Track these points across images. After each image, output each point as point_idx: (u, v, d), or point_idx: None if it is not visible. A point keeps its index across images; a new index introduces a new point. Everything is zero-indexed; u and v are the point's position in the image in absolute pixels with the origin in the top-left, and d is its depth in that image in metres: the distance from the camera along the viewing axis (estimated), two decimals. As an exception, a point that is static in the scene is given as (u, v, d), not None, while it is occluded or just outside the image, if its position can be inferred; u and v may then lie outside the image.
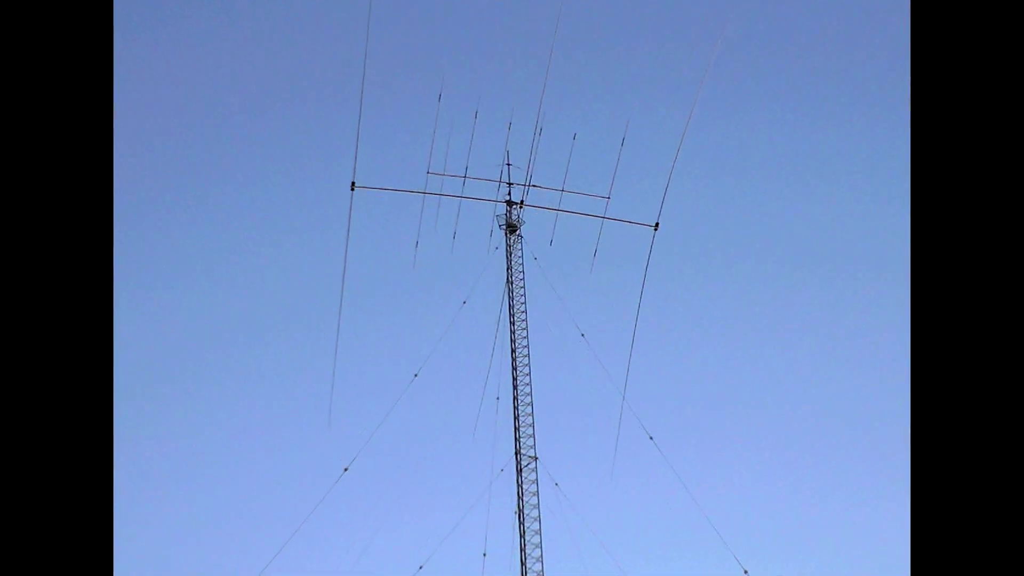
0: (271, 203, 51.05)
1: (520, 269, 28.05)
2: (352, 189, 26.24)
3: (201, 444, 42.54)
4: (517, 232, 28.72)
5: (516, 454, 25.27)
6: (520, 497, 24.79)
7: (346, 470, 26.04)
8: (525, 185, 28.47)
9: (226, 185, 50.79)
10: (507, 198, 28.92)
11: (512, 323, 27.03)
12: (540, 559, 24.11)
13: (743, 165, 51.83)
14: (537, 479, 24.99)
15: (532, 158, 27.99)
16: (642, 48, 52.95)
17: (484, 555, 24.43)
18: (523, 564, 24.09)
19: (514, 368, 26.34)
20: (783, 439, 43.85)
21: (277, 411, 43.70)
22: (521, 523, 24.49)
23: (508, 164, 28.82)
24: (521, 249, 28.41)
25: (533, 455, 25.22)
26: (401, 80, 50.43)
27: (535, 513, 24.59)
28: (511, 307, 27.36)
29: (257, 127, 52.61)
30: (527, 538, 24.35)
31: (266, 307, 48.22)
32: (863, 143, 51.46)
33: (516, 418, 25.71)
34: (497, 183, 28.81)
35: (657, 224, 27.23)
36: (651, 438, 26.56)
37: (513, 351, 26.61)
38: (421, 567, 24.88)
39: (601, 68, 51.78)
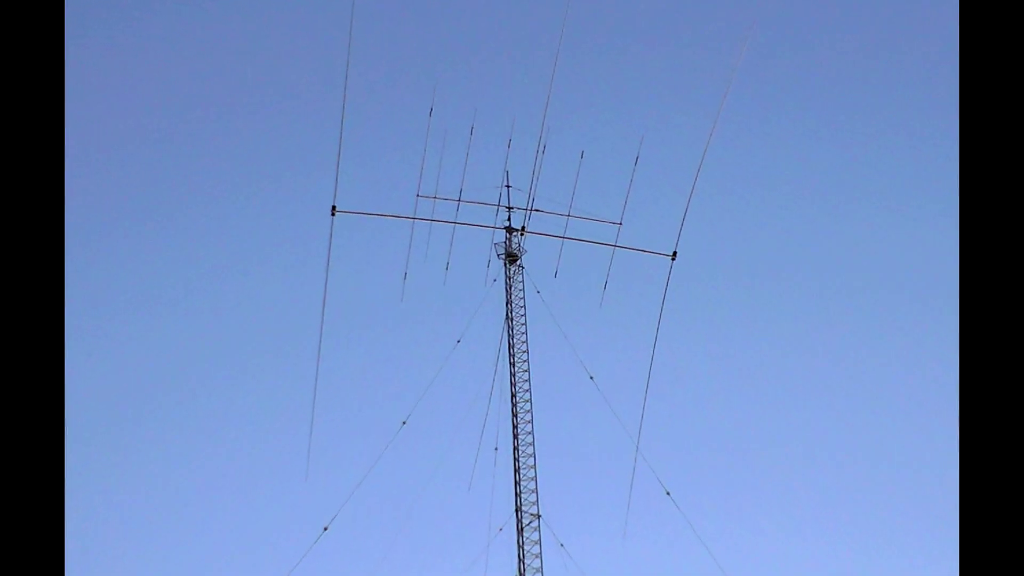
0: (241, 229, 51.09)
1: (521, 303, 27.97)
2: (332, 214, 26.17)
3: (160, 498, 42.31)
4: (518, 262, 28.64)
5: (517, 511, 25.11)
6: (521, 560, 24.57)
7: (326, 529, 25.89)
8: (527, 209, 28.51)
9: (188, 209, 50.81)
10: (506, 224, 28.92)
11: (512, 364, 26.92)
12: (544, 629, 23.95)
13: (771, 186, 51.87)
14: (540, 539, 24.82)
15: (534, 179, 27.98)
16: (657, 55, 53.17)
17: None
18: (525, 636, 23.98)
19: (514, 415, 26.19)
20: (816, 494, 43.62)
21: (248, 463, 43.47)
22: (522, 589, 24.36)
23: (508, 186, 28.91)
24: (522, 281, 28.35)
25: (536, 512, 25.06)
26: (388, 91, 50.61)
27: (538, 578, 24.45)
28: (511, 346, 27.25)
29: (224, 142, 52.76)
30: (529, 606, 24.17)
31: (235, 345, 48.11)
32: (906, 160, 51.49)
33: (516, 471, 25.55)
34: (495, 207, 28.89)
35: (675, 253, 27.20)
36: (668, 493, 26.44)
37: (513, 396, 26.49)
38: (410, 640, 24.81)
39: (611, 78, 52.00)
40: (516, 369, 26.91)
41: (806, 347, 48.48)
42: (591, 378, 27.44)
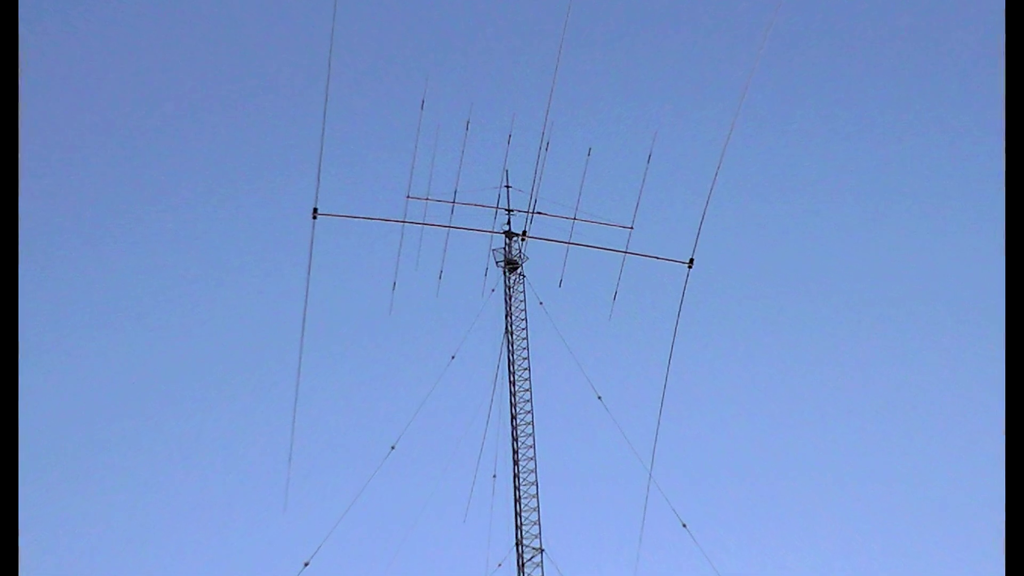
0: (214, 234, 51.04)
1: (522, 315, 27.90)
2: (314, 217, 26.05)
3: (124, 532, 42.19)
4: (518, 270, 28.60)
5: (517, 545, 25.00)
6: (522, 598, 24.55)
7: (306, 565, 25.70)
8: (528, 212, 28.46)
9: (158, 212, 50.79)
10: (506, 228, 28.92)
11: (512, 383, 26.81)
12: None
13: (797, 188, 51.87)
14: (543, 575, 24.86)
15: (537, 179, 27.89)
16: (672, 43, 53.19)
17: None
18: None
19: (515, 439, 26.08)
20: (845, 525, 43.44)
21: (220, 491, 43.36)
22: (523, 631, 24.25)
23: (507, 186, 28.93)
24: (523, 291, 28.31)
25: (538, 546, 24.95)
26: (375, 83, 50.63)
27: (541, 619, 24.35)
28: (511, 362, 27.16)
29: (195, 138, 52.73)
30: (531, 650, 24.09)
31: (207, 361, 48.02)
32: (944, 159, 51.48)
33: (517, 501, 25.46)
34: (494, 210, 28.90)
35: (692, 260, 26.90)
36: (684, 525, 26.31)
37: (513, 417, 26.37)
38: None
39: (621, 67, 52.00)
40: (516, 388, 26.80)
41: (836, 364, 48.41)
42: (599, 398, 27.44)
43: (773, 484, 44.07)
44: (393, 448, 26.96)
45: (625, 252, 28.27)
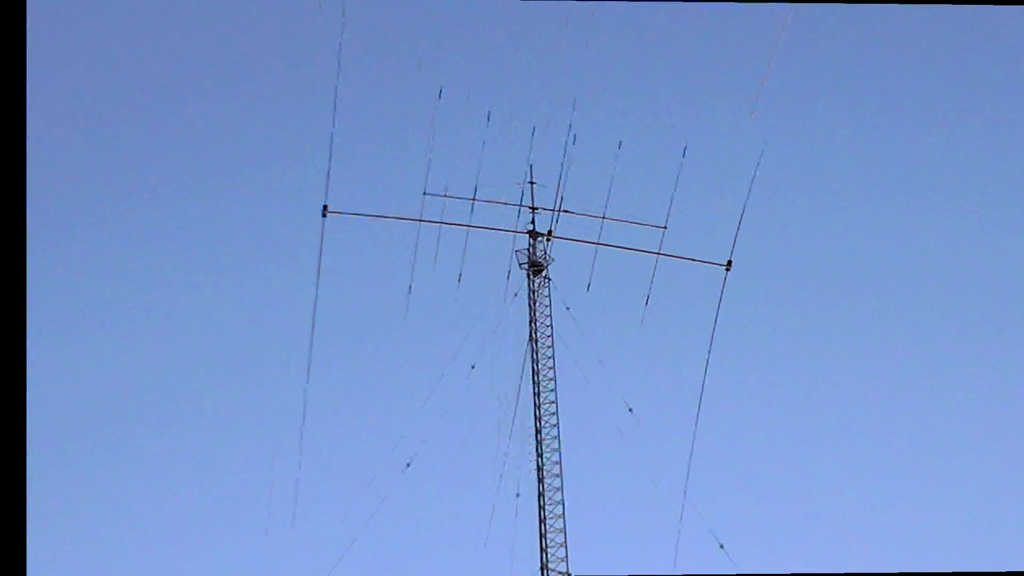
0: (219, 233, 51.14)
1: (547, 322, 27.71)
2: (324, 215, 26.14)
3: (120, 549, 42.17)
4: (543, 273, 28.39)
5: (542, 569, 24.97)
6: (548, 628, 24.42)
7: (316, 589, 25.90)
8: (554, 210, 28.23)
9: (160, 209, 50.91)
10: (530, 227, 28.64)
11: (537, 394, 26.68)
12: None
13: (843, 184, 51.57)
14: (571, 603, 24.63)
15: (563, 175, 27.73)
16: (710, 29, 52.90)
17: None
18: None
19: (539, 455, 25.95)
20: (896, 543, 43.08)
21: (223, 510, 43.30)
22: (550, 662, 24.16)
23: (531, 182, 28.65)
24: (549, 295, 28.08)
25: (565, 571, 24.93)
26: (389, 72, 50.44)
27: (568, 649, 24.27)
28: (535, 372, 27.02)
29: (198, 132, 52.82)
30: None
31: (211, 369, 48.04)
32: (1001, 154, 51.13)
33: (542, 522, 25.40)
34: (517, 208, 28.60)
35: (730, 262, 27.02)
36: (722, 546, 26.25)
37: (538, 432, 26.24)
38: None
39: (653, 55, 51.70)
40: (541, 400, 26.67)
41: (883, 373, 48.19)
42: (630, 410, 27.24)
43: (816, 501, 43.83)
44: (408, 465, 26.97)
45: (658, 253, 28.09)
